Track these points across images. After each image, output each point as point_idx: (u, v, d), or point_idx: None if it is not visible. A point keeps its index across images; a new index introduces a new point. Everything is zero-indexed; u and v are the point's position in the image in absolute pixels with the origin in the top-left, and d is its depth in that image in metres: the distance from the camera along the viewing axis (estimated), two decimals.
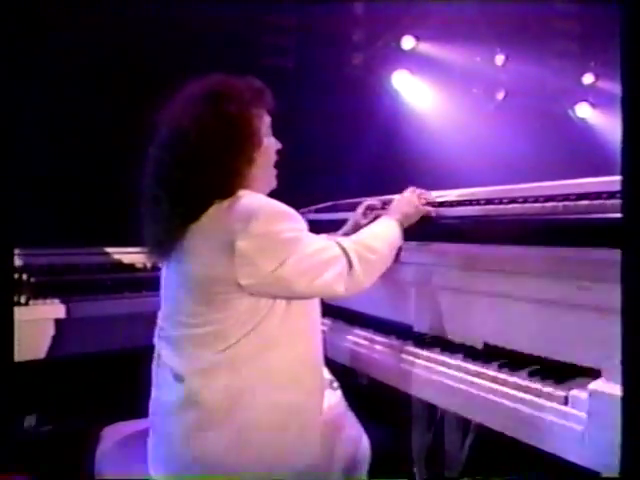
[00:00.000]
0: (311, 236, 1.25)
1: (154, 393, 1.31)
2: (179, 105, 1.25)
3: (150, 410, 1.31)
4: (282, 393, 1.22)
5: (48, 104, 2.44)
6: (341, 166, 3.30)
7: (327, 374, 1.41)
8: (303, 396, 1.25)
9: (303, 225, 1.24)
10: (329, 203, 2.18)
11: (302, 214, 1.96)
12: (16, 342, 1.16)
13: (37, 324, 1.79)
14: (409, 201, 1.53)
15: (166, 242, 1.25)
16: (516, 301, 1.36)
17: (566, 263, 1.23)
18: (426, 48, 3.60)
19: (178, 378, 1.23)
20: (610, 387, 1.04)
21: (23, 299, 1.79)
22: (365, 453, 1.41)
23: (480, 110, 3.84)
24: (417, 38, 3.57)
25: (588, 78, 4.15)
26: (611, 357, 1.04)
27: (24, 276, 1.89)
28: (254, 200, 1.21)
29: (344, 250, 1.25)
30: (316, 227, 1.46)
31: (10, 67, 1.12)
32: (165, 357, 1.28)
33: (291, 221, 1.21)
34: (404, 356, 1.47)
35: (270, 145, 1.34)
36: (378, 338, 1.61)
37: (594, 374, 1.12)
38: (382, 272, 1.36)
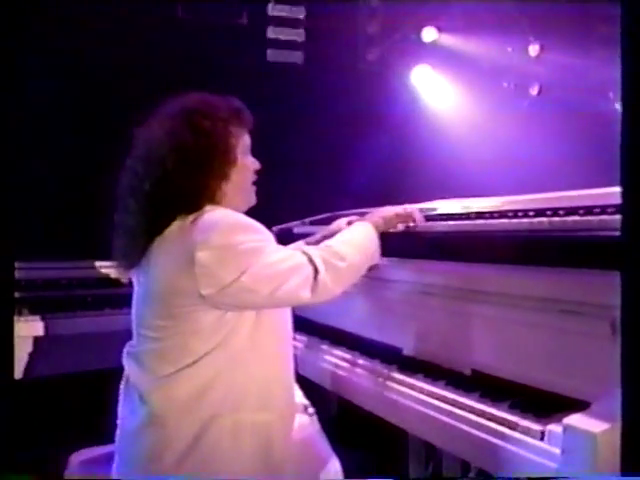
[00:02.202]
0: (274, 246, 1.35)
1: (119, 415, 1.41)
2: (156, 120, 1.38)
3: (117, 433, 1.41)
4: (249, 414, 1.31)
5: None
6: (351, 172, 3.36)
7: (301, 398, 1.48)
8: (272, 417, 1.34)
9: (266, 236, 1.34)
10: (326, 214, 2.24)
11: (294, 226, 2.05)
12: None
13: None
14: (388, 208, 1.62)
15: (131, 254, 1.37)
16: (507, 325, 1.40)
17: (561, 285, 1.27)
18: (449, 40, 3.62)
19: (142, 398, 1.34)
20: (587, 422, 1.06)
21: None
22: (334, 477, 1.47)
23: (511, 108, 3.80)
24: (439, 29, 3.60)
25: None
26: (601, 389, 1.08)
27: None
28: (216, 214, 1.32)
29: (309, 257, 1.35)
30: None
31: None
32: (131, 375, 1.39)
33: (252, 232, 1.31)
34: (383, 381, 1.53)
35: (247, 164, 1.45)
36: (360, 361, 1.67)
37: (586, 408, 1.14)
38: (355, 278, 1.45)
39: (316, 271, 1.33)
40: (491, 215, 1.52)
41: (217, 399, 1.29)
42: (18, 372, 1.93)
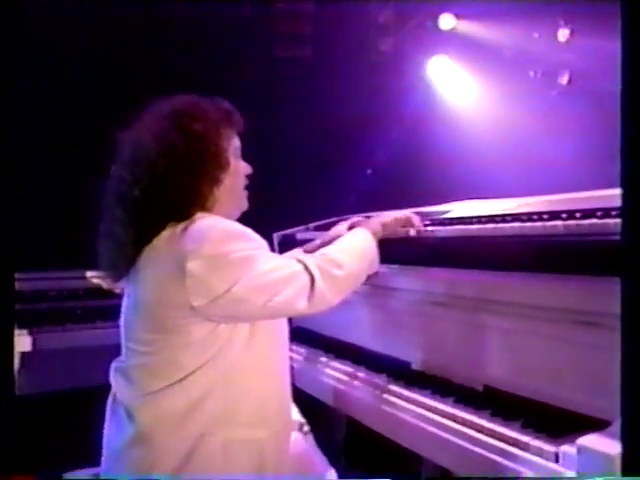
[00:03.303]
0: (267, 254, 1.35)
1: (105, 434, 1.42)
2: (142, 123, 1.39)
3: (103, 452, 1.41)
4: (242, 431, 1.31)
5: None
6: (363, 171, 3.34)
7: (297, 414, 1.47)
8: (266, 434, 1.34)
9: (259, 244, 1.34)
10: (332, 219, 2.23)
11: (297, 232, 2.05)
12: None
13: None
14: (387, 213, 1.62)
15: (119, 265, 1.38)
16: (521, 338, 1.38)
17: (578, 295, 1.25)
18: (468, 27, 3.58)
19: (129, 415, 1.34)
20: (604, 443, 1.03)
21: None
22: None
23: (538, 99, 3.71)
24: (457, 16, 3.57)
25: None
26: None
27: None
28: (207, 222, 1.32)
29: (305, 266, 1.34)
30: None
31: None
32: (118, 392, 1.40)
33: (244, 241, 1.31)
34: (389, 397, 1.52)
35: (238, 167, 1.46)
36: (364, 375, 1.66)
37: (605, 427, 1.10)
38: (353, 286, 1.46)
39: (312, 280, 1.33)
40: (502, 218, 1.49)
41: (208, 416, 1.29)
42: None
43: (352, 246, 1.47)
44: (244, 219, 1.44)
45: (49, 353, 2.02)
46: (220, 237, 1.29)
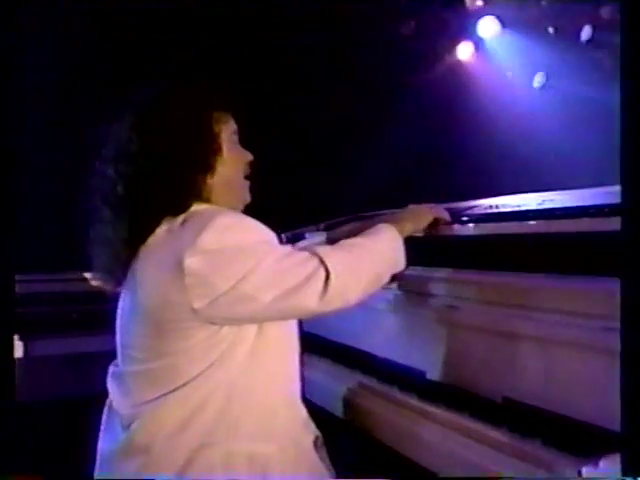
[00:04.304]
0: (276, 246, 1.32)
1: (100, 443, 1.42)
2: (124, 114, 1.38)
3: (96, 462, 1.41)
4: (245, 444, 1.29)
5: None
6: (387, 165, 3.27)
7: (310, 424, 1.43)
8: (271, 449, 1.31)
9: (265, 235, 1.31)
10: (346, 217, 2.20)
11: (307, 232, 2.03)
12: None
13: None
14: (414, 208, 1.59)
15: (114, 268, 1.37)
16: (547, 345, 1.34)
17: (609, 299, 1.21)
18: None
19: (125, 424, 1.33)
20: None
21: None
22: None
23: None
24: None
25: None
26: None
27: None
28: (207, 212, 1.30)
29: (321, 260, 1.29)
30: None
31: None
32: (114, 399, 1.39)
33: (249, 231, 1.28)
34: (401, 409, 1.50)
35: (235, 154, 1.43)
36: (375, 385, 1.65)
37: None
38: (373, 287, 1.39)
39: (327, 276, 1.27)
40: (536, 214, 1.46)
41: (208, 426, 1.27)
42: None
43: (375, 241, 1.41)
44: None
45: (42, 360, 2.02)
46: (222, 228, 1.25)
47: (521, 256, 1.45)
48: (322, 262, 1.28)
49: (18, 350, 1.99)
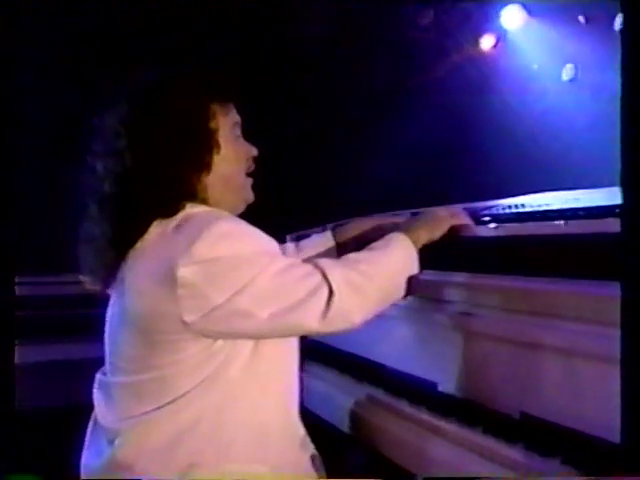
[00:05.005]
0: (277, 257, 1.27)
1: (83, 459, 1.39)
2: (112, 105, 1.35)
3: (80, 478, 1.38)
4: (237, 465, 1.25)
5: None
6: (404, 163, 3.24)
7: (308, 443, 1.41)
8: (265, 471, 1.28)
9: (266, 245, 1.27)
10: (355, 219, 2.17)
11: (313, 233, 1.99)
12: None
13: None
14: (431, 212, 1.53)
15: (99, 270, 1.34)
16: (568, 357, 1.29)
17: None
18: None
19: (110, 439, 1.30)
20: None
21: None
22: None
23: None
24: None
25: None
26: None
27: None
28: (203, 218, 1.26)
29: (324, 275, 1.25)
30: None
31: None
32: (99, 412, 1.37)
33: (247, 240, 1.24)
34: (410, 424, 1.48)
35: (235, 149, 1.39)
36: (383, 397, 1.62)
37: None
38: (381, 306, 1.35)
39: (330, 294, 1.23)
40: (561, 213, 1.41)
41: (199, 444, 1.24)
42: None
43: (386, 254, 1.36)
44: (252, 218, 1.35)
45: (36, 367, 2.01)
46: (217, 236, 1.21)
47: (544, 260, 1.40)
48: (325, 278, 1.24)
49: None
